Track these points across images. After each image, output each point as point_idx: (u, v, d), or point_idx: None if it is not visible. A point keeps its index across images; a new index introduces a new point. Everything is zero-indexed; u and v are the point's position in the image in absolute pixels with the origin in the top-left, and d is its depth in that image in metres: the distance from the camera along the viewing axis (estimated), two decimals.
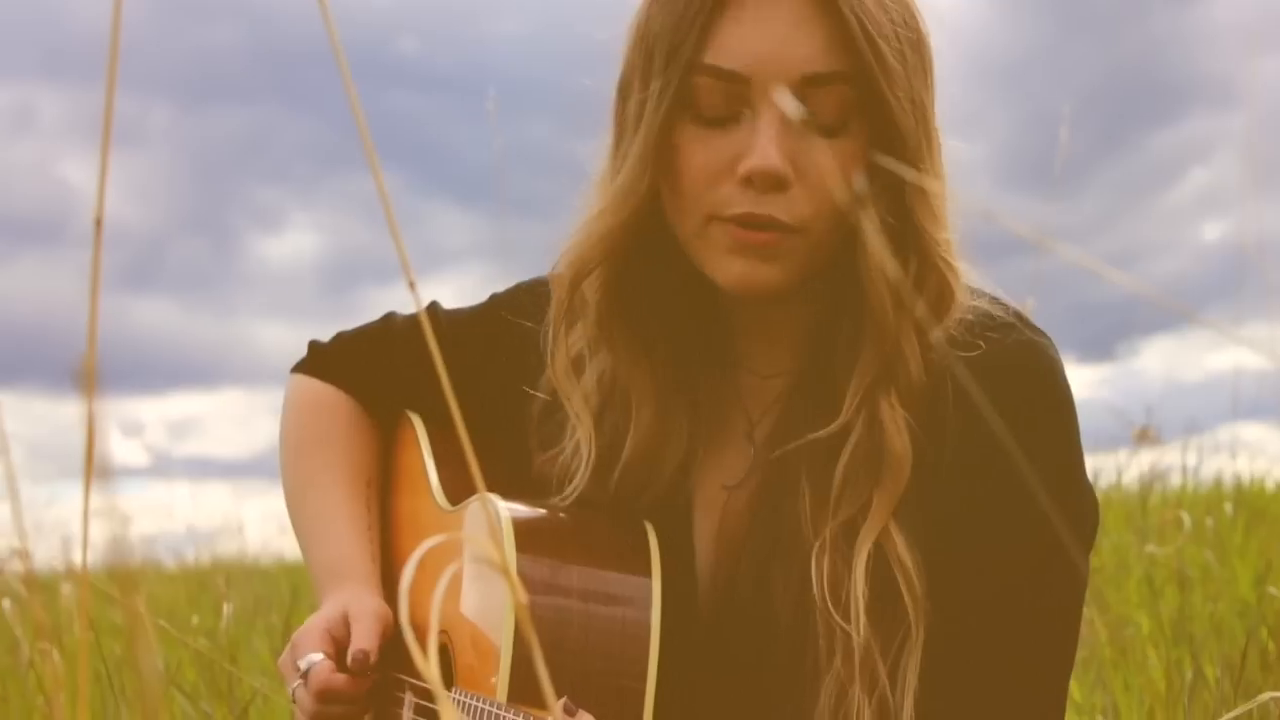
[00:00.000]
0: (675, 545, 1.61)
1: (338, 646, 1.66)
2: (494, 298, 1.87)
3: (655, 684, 1.51)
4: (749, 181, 1.45)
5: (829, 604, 1.45)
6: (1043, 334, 1.55)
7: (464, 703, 1.57)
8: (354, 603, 1.70)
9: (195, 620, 3.45)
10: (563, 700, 1.43)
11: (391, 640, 1.70)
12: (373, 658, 1.63)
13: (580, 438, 1.65)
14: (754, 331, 1.64)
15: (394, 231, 0.91)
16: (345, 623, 1.68)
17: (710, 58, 1.45)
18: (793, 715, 1.49)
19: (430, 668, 1.33)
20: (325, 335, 1.97)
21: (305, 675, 1.63)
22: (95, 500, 0.66)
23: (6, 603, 3.80)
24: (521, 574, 1.52)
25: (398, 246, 0.90)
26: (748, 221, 1.46)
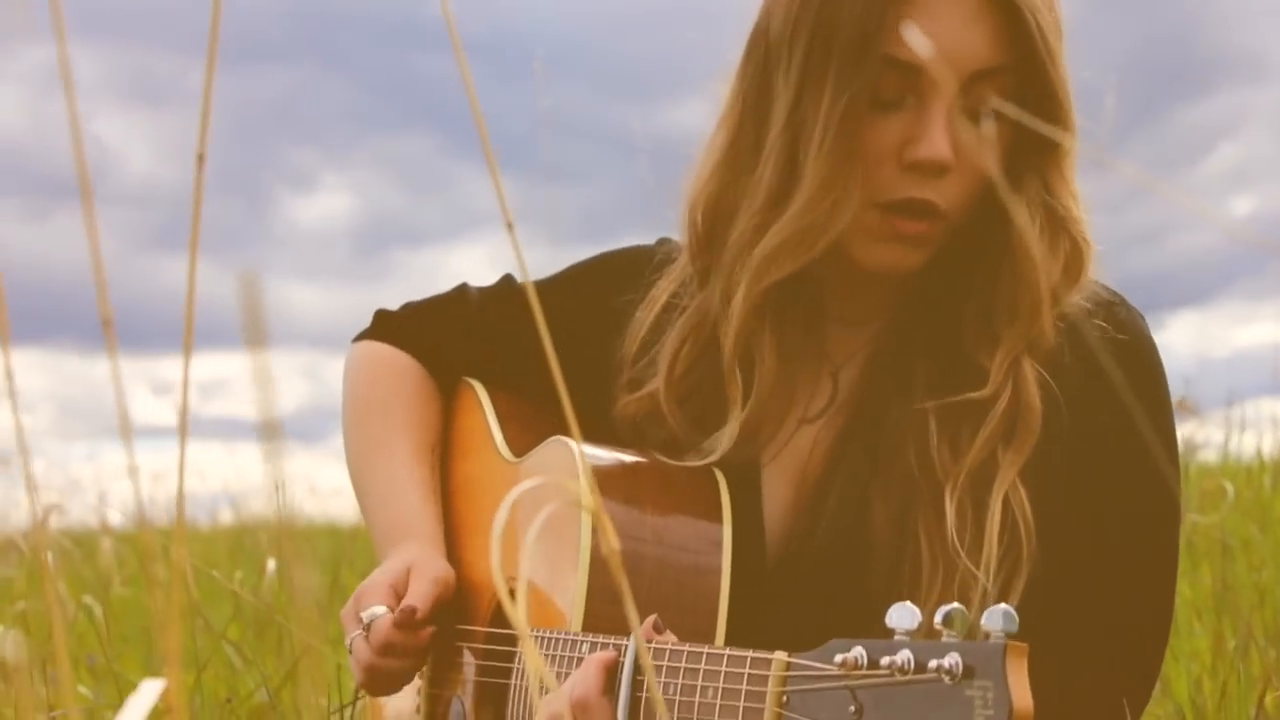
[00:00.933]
0: (741, 481, 1.63)
1: (399, 601, 1.66)
2: (575, 267, 1.88)
3: (725, 626, 1.52)
4: (915, 167, 1.51)
5: (958, 546, 1.49)
6: (1140, 313, 1.64)
7: (539, 637, 1.58)
8: (419, 560, 1.71)
9: (239, 576, 3.46)
10: (652, 617, 1.43)
11: (453, 597, 1.72)
12: (420, 615, 1.64)
13: (731, 407, 1.65)
14: (843, 284, 1.66)
15: (491, 167, 0.91)
16: (408, 578, 1.69)
17: (887, 48, 1.49)
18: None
19: (519, 613, 1.32)
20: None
21: (367, 627, 1.64)
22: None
23: (49, 556, 3.81)
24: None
25: (495, 182, 0.90)
26: (907, 208, 1.52)
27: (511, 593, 1.70)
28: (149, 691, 0.82)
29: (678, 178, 1.70)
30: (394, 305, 2.00)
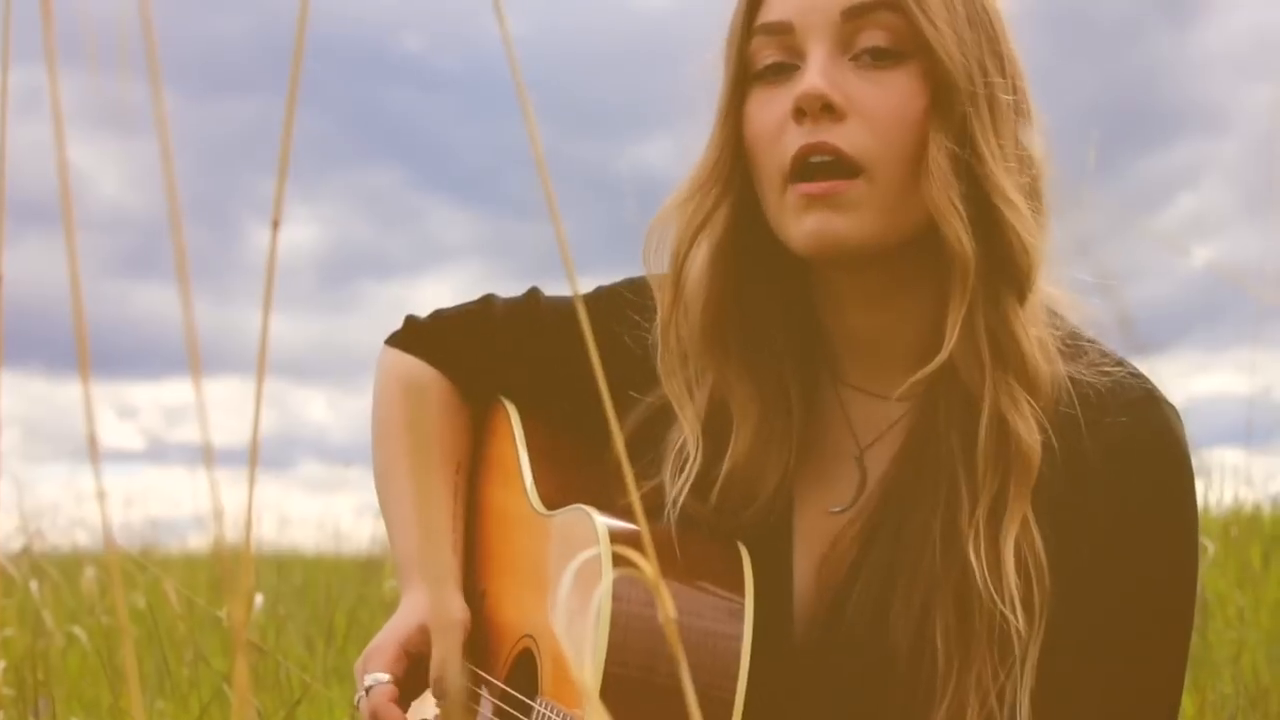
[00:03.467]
0: (772, 568, 1.58)
1: (410, 661, 1.66)
2: (597, 290, 1.84)
3: (743, 705, 1.48)
4: (800, 113, 1.47)
5: (990, 587, 1.44)
6: (1174, 407, 1.55)
7: (547, 715, 1.57)
8: (435, 613, 1.70)
9: (223, 612, 3.44)
10: None
11: (472, 634, 1.72)
12: (452, 680, 1.60)
13: (689, 447, 1.62)
14: (863, 349, 1.61)
15: (556, 222, 0.93)
16: (421, 635, 1.68)
17: (759, 19, 1.52)
18: None
19: (590, 688, 1.33)
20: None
21: (368, 690, 1.64)
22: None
23: (34, 584, 3.80)
24: (618, 588, 1.49)
25: (560, 238, 0.93)
26: (805, 156, 1.46)
27: (528, 651, 1.69)
28: None
29: (646, 214, 1.69)
30: (389, 327, 1.97)
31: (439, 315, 1.91)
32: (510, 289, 1.93)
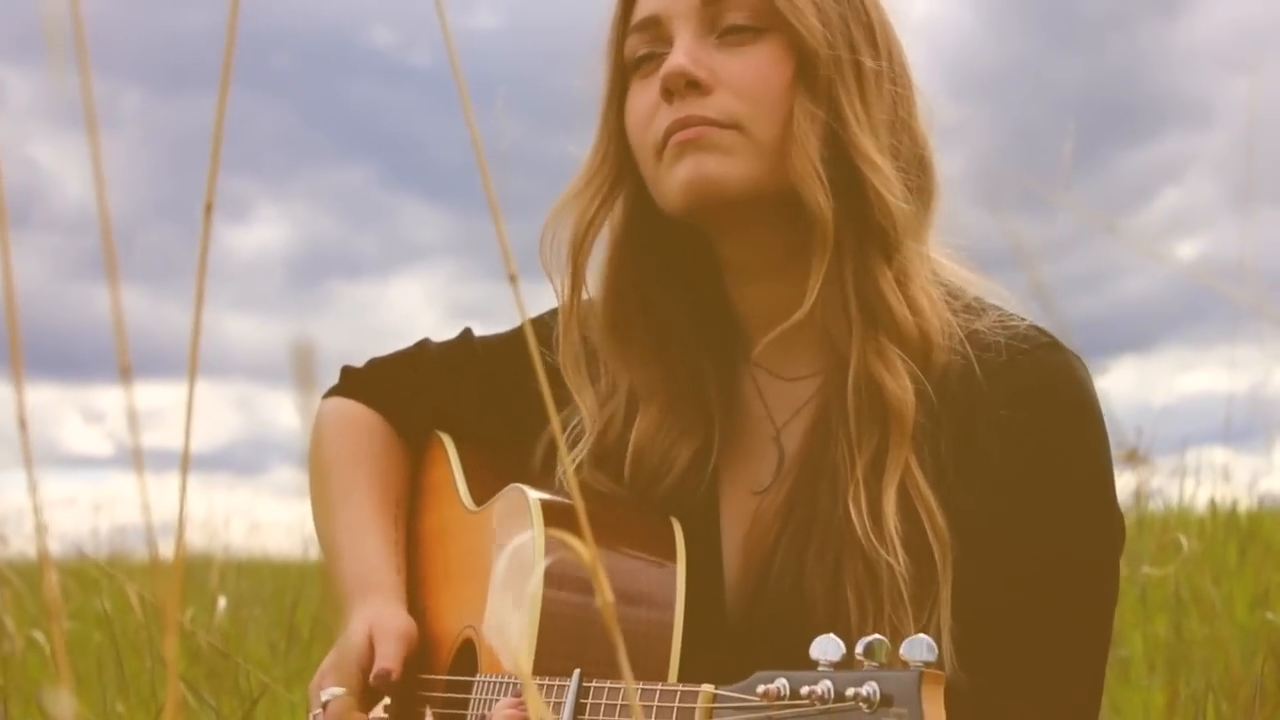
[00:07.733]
0: (702, 551, 1.62)
1: (364, 674, 1.69)
2: (533, 319, 1.89)
3: (678, 675, 1.51)
4: (668, 93, 1.55)
5: (870, 535, 1.48)
6: (1078, 357, 1.58)
7: (489, 683, 1.60)
8: (378, 622, 1.72)
9: (190, 613, 3.41)
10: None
11: (417, 648, 1.74)
12: (395, 675, 1.66)
13: (585, 425, 1.70)
14: (768, 327, 1.63)
15: (496, 218, 0.90)
16: (370, 647, 1.70)
17: (632, 20, 1.63)
18: None
19: (522, 662, 1.30)
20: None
21: (325, 705, 1.66)
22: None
23: None
24: (550, 562, 1.53)
25: (499, 233, 0.89)
26: (674, 131, 1.55)
27: (470, 641, 1.71)
28: None
29: None
30: (353, 358, 2.03)
31: (376, 362, 1.99)
32: (483, 289, 2.02)
